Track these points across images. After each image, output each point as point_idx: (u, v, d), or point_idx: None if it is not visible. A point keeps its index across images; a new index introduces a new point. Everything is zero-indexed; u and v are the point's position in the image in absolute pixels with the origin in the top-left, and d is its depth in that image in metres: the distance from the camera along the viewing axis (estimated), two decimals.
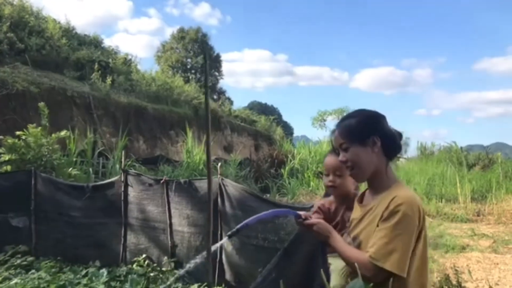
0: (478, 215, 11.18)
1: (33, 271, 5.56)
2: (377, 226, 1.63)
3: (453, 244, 7.91)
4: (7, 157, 7.50)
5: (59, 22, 17.52)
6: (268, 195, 12.77)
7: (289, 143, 23.87)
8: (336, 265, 2.09)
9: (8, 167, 7.49)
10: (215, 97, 33.13)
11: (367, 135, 1.73)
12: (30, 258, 6.03)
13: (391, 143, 1.77)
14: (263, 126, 30.13)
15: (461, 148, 21.19)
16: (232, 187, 5.44)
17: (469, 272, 5.95)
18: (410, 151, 32.15)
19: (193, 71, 39.25)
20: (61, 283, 4.96)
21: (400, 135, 1.81)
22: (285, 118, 59.21)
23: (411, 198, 1.61)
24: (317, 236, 1.84)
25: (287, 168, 15.63)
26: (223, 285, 5.02)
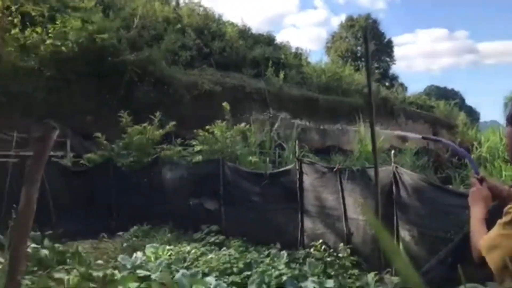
0: None
1: (224, 248, 6.34)
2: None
3: None
4: (199, 148, 8.72)
5: (236, 25, 19.11)
6: (450, 186, 11.79)
7: (475, 130, 21.52)
8: None
9: (200, 157, 8.66)
10: (387, 84, 31.80)
11: None
12: (221, 237, 6.86)
13: None
14: (442, 112, 27.66)
15: None
16: (408, 176, 5.24)
17: None
18: None
19: (363, 59, 38.41)
20: (248, 261, 5.55)
21: None
22: (468, 102, 53.16)
23: None
24: (469, 198, 1.75)
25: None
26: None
